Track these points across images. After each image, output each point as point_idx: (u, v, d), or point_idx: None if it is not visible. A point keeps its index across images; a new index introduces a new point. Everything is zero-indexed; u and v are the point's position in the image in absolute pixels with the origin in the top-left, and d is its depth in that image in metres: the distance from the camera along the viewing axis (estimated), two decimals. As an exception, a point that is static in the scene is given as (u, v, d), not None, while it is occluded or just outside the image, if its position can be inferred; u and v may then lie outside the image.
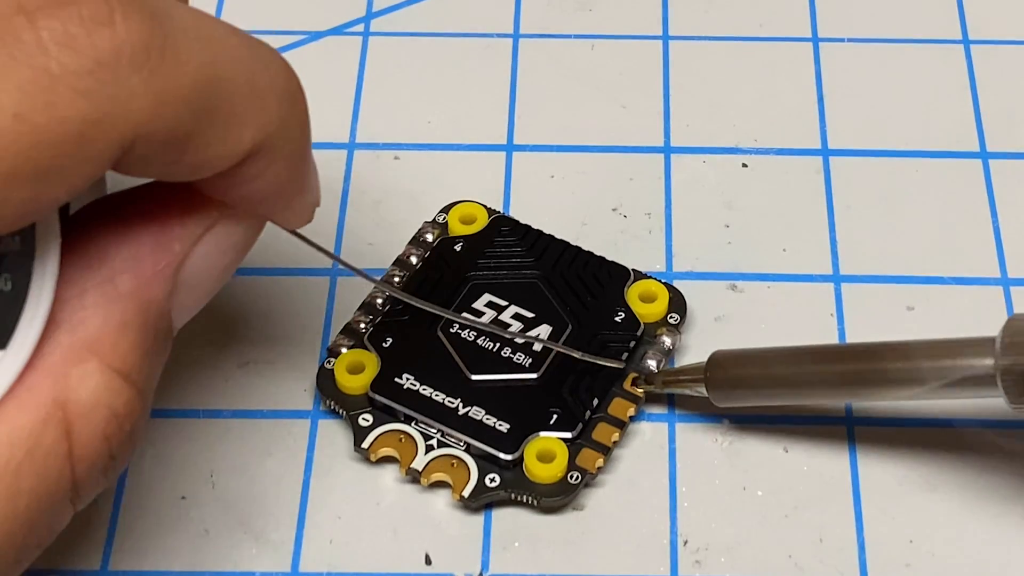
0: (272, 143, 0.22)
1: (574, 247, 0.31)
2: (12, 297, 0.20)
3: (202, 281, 0.23)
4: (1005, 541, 0.27)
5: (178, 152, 0.20)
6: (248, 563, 0.27)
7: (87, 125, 0.19)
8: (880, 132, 0.34)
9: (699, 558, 0.27)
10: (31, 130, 0.18)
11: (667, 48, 0.36)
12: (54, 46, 0.19)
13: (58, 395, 0.20)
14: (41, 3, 0.19)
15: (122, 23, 0.19)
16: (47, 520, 0.21)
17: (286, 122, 0.22)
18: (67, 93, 0.19)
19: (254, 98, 0.21)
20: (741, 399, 0.28)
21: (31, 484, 0.20)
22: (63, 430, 0.20)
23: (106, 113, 0.19)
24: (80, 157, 0.19)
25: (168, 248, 0.22)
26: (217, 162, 0.21)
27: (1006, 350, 0.25)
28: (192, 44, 0.20)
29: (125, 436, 0.21)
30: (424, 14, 0.37)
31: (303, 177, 0.23)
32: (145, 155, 0.20)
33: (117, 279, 0.21)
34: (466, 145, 0.34)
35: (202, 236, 0.22)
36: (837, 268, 0.31)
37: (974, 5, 0.37)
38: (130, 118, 0.19)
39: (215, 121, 0.20)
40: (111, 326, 0.21)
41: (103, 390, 0.21)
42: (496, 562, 0.27)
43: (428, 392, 0.28)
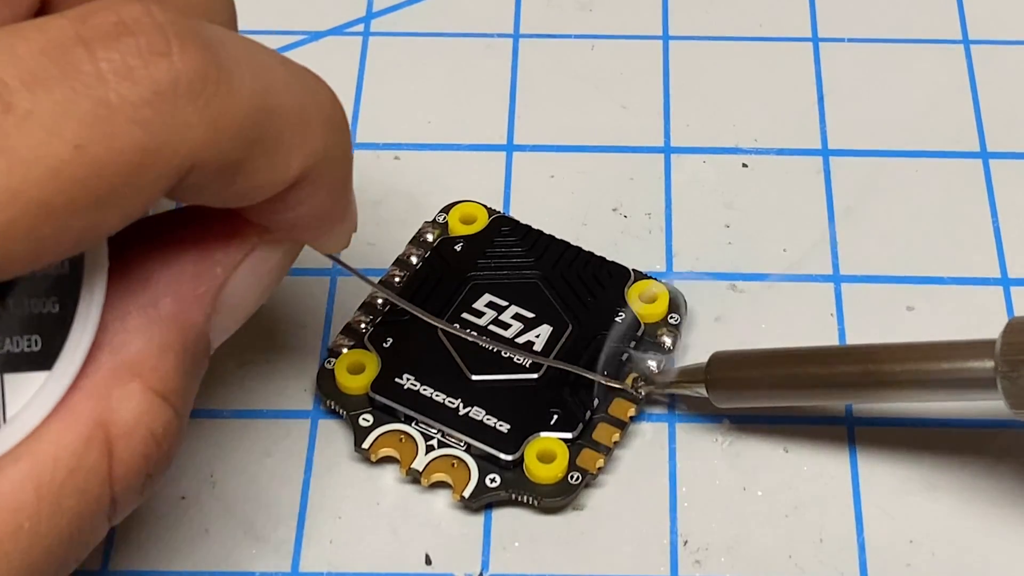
0: (317, 170, 0.22)
1: (574, 247, 0.31)
2: (59, 319, 0.21)
3: (240, 304, 0.23)
4: (1005, 541, 0.27)
5: (229, 179, 0.21)
6: (248, 563, 0.27)
7: (144, 155, 0.19)
8: (880, 132, 0.34)
9: (699, 558, 0.27)
10: (91, 161, 0.19)
11: (667, 48, 0.36)
12: (113, 77, 0.19)
13: (100, 416, 0.21)
14: (100, 34, 0.19)
15: (179, 54, 0.19)
16: (86, 537, 0.21)
17: (331, 150, 0.22)
18: (126, 124, 0.19)
19: (302, 126, 0.21)
20: (741, 400, 0.28)
21: (72, 502, 0.20)
22: (104, 450, 0.21)
23: (163, 143, 0.19)
24: (137, 186, 0.19)
25: (210, 272, 0.22)
26: (265, 189, 0.21)
27: (1006, 353, 0.25)
28: (244, 74, 0.20)
29: (162, 455, 0.22)
30: (424, 14, 0.37)
31: (345, 204, 0.24)
32: (198, 183, 0.20)
33: (159, 302, 0.22)
34: (466, 145, 0.34)
35: (242, 261, 0.23)
36: (837, 268, 0.31)
37: (974, 5, 0.37)
38: (186, 147, 0.19)
39: (265, 149, 0.21)
40: (152, 349, 0.21)
41: (144, 411, 0.21)
42: (496, 562, 0.27)
43: (428, 392, 0.28)
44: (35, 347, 0.21)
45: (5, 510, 0.20)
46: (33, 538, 0.20)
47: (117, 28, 0.19)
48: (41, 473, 0.20)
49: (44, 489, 0.20)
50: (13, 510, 0.20)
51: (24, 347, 0.21)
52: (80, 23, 0.19)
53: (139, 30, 0.19)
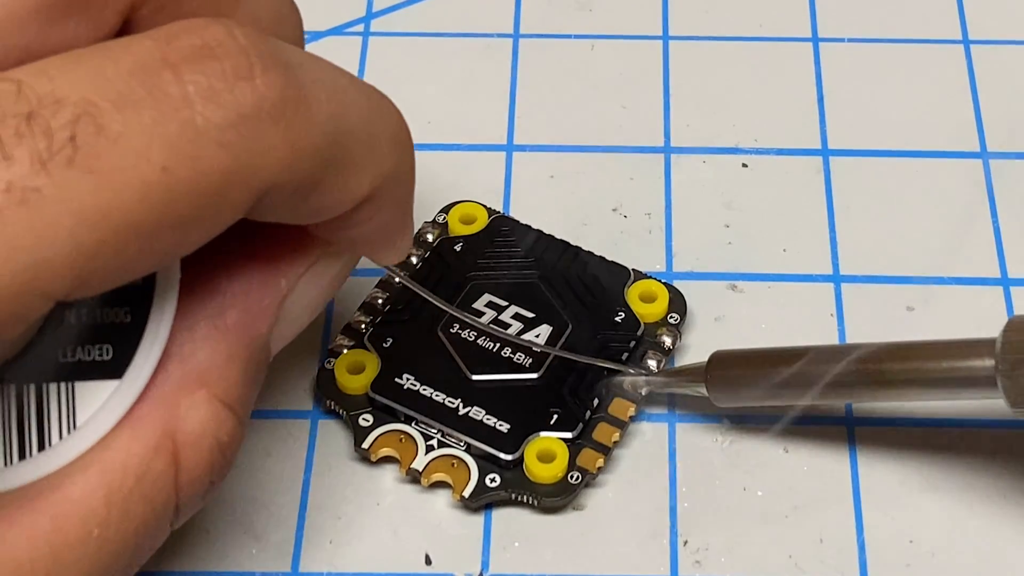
0: (384, 189, 0.22)
1: (574, 247, 0.31)
2: (130, 329, 0.21)
3: (300, 313, 0.24)
4: (1005, 541, 0.27)
5: (303, 199, 0.21)
6: (248, 563, 0.27)
7: (228, 177, 0.19)
8: (880, 132, 0.34)
9: (699, 558, 0.27)
10: (177, 183, 0.19)
11: (667, 48, 0.36)
12: (199, 100, 0.19)
13: (168, 425, 0.21)
14: (185, 56, 0.19)
15: (261, 77, 0.20)
16: (150, 543, 0.22)
17: (397, 168, 0.23)
18: (211, 146, 0.19)
19: (372, 146, 0.22)
20: (741, 399, 0.28)
21: (140, 509, 0.21)
22: (171, 458, 0.21)
23: (245, 165, 0.19)
24: (219, 207, 0.20)
25: (275, 284, 0.23)
26: (335, 208, 0.22)
27: (1006, 352, 0.25)
28: (321, 95, 0.20)
29: (225, 463, 0.22)
30: (424, 14, 0.37)
31: (406, 220, 0.24)
32: (273, 202, 0.21)
33: (226, 313, 0.22)
34: (466, 145, 0.34)
35: (305, 273, 0.23)
36: (837, 268, 0.31)
37: (974, 5, 0.37)
38: (267, 169, 0.20)
39: (339, 170, 0.21)
40: (219, 359, 0.22)
41: (209, 420, 0.21)
42: (496, 562, 0.27)
43: (428, 392, 0.28)
44: (106, 356, 0.21)
45: (76, 516, 0.20)
46: (102, 544, 0.20)
47: (202, 51, 0.19)
48: (111, 481, 0.21)
49: (114, 496, 0.21)
50: (83, 517, 0.20)
51: (95, 356, 0.21)
52: (165, 45, 0.19)
53: (223, 53, 0.19)
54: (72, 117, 0.18)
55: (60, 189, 0.18)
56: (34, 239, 0.18)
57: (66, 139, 0.18)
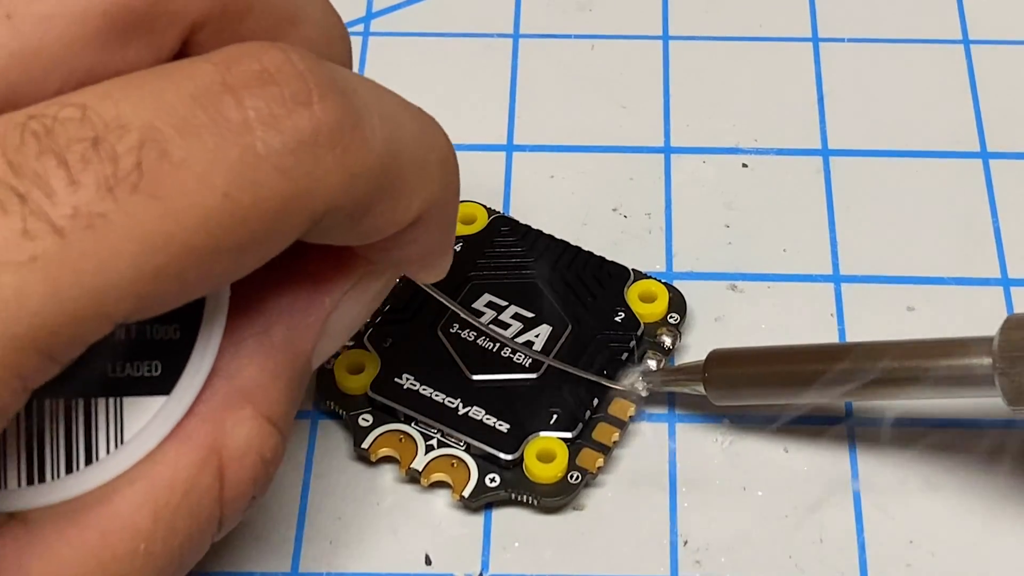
0: (431, 211, 0.22)
1: (574, 247, 0.31)
2: (179, 345, 0.21)
3: (343, 330, 0.24)
4: (1005, 541, 0.27)
5: (357, 222, 0.21)
6: (248, 563, 0.27)
7: (286, 202, 0.19)
8: (880, 132, 0.34)
9: (699, 558, 0.27)
10: (237, 208, 0.19)
11: (667, 48, 0.36)
12: (259, 126, 0.19)
13: (214, 441, 0.21)
14: (245, 81, 0.19)
15: (319, 103, 0.20)
16: (192, 556, 0.22)
17: (445, 192, 0.23)
18: (270, 172, 0.19)
19: (423, 170, 0.22)
20: (739, 398, 0.28)
21: (185, 524, 0.21)
22: (217, 474, 0.21)
23: (304, 190, 0.20)
24: (276, 232, 0.20)
25: (320, 302, 0.23)
26: (386, 230, 0.22)
27: (1003, 350, 0.25)
28: (375, 120, 0.21)
29: (268, 478, 0.22)
30: (424, 14, 0.37)
31: (449, 241, 0.24)
32: (327, 227, 0.21)
33: (272, 330, 0.22)
34: (466, 145, 0.34)
35: (350, 293, 0.23)
36: (837, 268, 0.31)
37: (974, 5, 0.37)
38: (324, 194, 0.20)
39: (392, 194, 0.21)
40: (265, 376, 0.22)
41: (255, 436, 0.22)
42: (496, 562, 0.27)
43: (428, 392, 0.28)
44: (155, 372, 0.21)
45: (124, 531, 0.20)
46: (148, 559, 0.21)
47: (261, 76, 0.19)
48: (158, 496, 0.21)
49: (161, 511, 0.21)
50: (131, 532, 0.20)
51: (144, 372, 0.21)
52: (225, 69, 0.19)
53: (282, 79, 0.20)
54: (137, 143, 0.18)
55: (125, 215, 0.18)
56: (99, 263, 0.18)
57: (132, 164, 0.18)
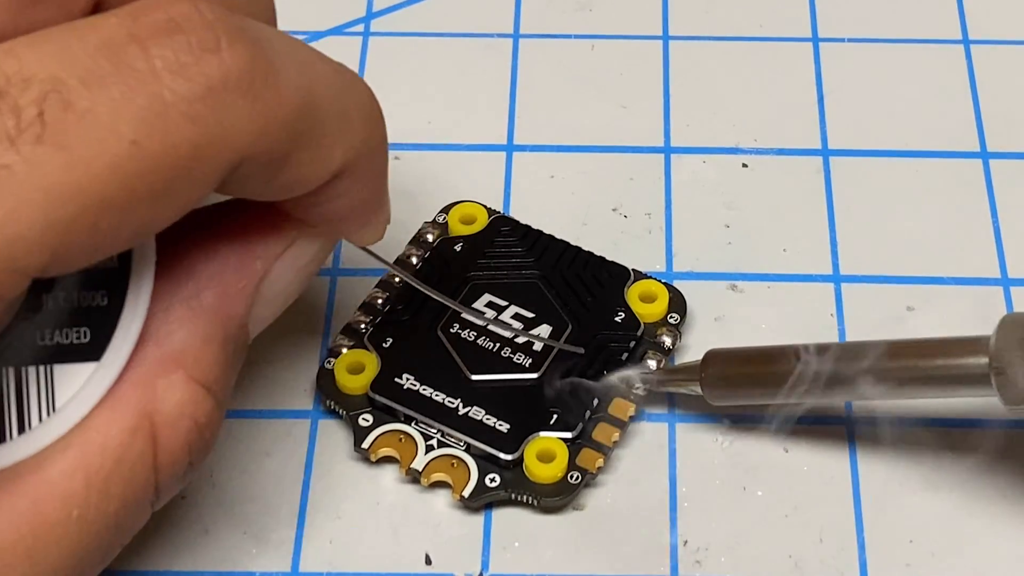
0: (357, 163, 0.22)
1: (574, 247, 0.31)
2: (108, 311, 0.21)
3: (279, 295, 0.24)
4: (1005, 541, 0.27)
5: (275, 172, 0.21)
6: (248, 563, 0.27)
7: (197, 149, 0.19)
8: (880, 132, 0.34)
9: (699, 558, 0.27)
10: (147, 156, 0.19)
11: (667, 48, 0.36)
12: (167, 74, 0.19)
13: (146, 406, 0.21)
14: (152, 31, 0.19)
15: (228, 50, 0.20)
16: (131, 523, 0.22)
17: (369, 143, 0.23)
18: (179, 119, 0.19)
19: (343, 120, 0.22)
20: (735, 398, 0.28)
21: (119, 490, 0.21)
22: (150, 439, 0.21)
23: (215, 137, 0.20)
24: (190, 180, 0.20)
25: (250, 266, 0.23)
26: (308, 182, 0.22)
27: (1000, 349, 0.25)
28: (290, 69, 0.21)
29: (204, 444, 0.22)
30: (424, 14, 0.37)
31: (381, 196, 0.24)
32: (245, 176, 0.21)
33: (202, 295, 0.22)
34: (466, 145, 0.34)
35: (282, 254, 0.23)
36: (837, 268, 0.31)
37: (974, 5, 0.37)
38: (236, 142, 0.20)
39: (310, 143, 0.21)
40: (196, 340, 0.22)
41: (187, 401, 0.22)
42: (496, 562, 0.27)
43: (428, 392, 0.28)
44: (84, 339, 0.21)
45: (55, 498, 0.20)
46: (82, 525, 0.21)
47: (168, 25, 0.19)
48: (90, 462, 0.21)
49: (93, 478, 0.21)
50: (63, 498, 0.21)
51: (73, 339, 0.21)
52: (132, 21, 0.19)
53: (189, 27, 0.20)
54: (40, 94, 0.18)
55: (30, 165, 0.18)
56: (4, 215, 0.18)
57: (34, 116, 0.18)
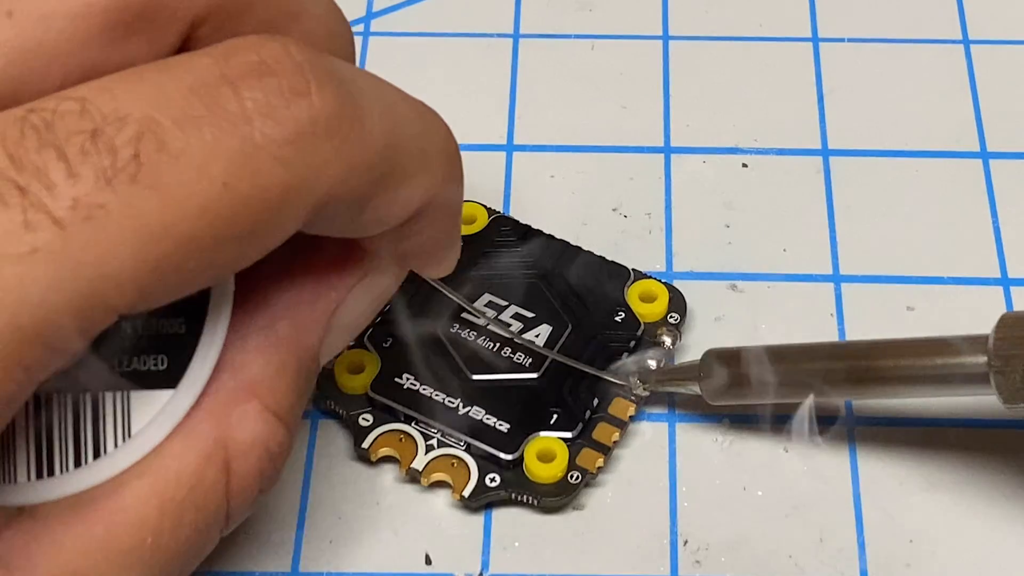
0: (434, 202, 0.22)
1: (574, 247, 0.31)
2: (185, 340, 0.21)
3: (349, 326, 0.24)
4: (1005, 541, 0.27)
5: (358, 213, 0.21)
6: (248, 563, 0.27)
7: (286, 192, 0.20)
8: (880, 132, 0.34)
9: (699, 558, 0.27)
10: (237, 198, 0.19)
11: (667, 48, 0.36)
12: (258, 116, 0.19)
13: (220, 435, 0.21)
14: (243, 73, 0.19)
15: (317, 94, 0.20)
16: (200, 549, 0.22)
17: (448, 182, 0.23)
18: (269, 162, 0.19)
19: (424, 161, 0.22)
20: (735, 397, 0.28)
21: (192, 517, 0.21)
22: (223, 467, 0.21)
23: (302, 180, 0.20)
24: (276, 222, 0.20)
25: (326, 297, 0.23)
26: (388, 221, 0.22)
27: (998, 348, 0.25)
28: (375, 111, 0.21)
29: (275, 471, 0.22)
30: (424, 14, 0.37)
31: (455, 234, 0.24)
32: (329, 217, 0.21)
33: (277, 325, 0.22)
34: (466, 145, 0.33)
35: (356, 287, 0.23)
36: (837, 268, 0.31)
37: (974, 5, 0.37)
38: (323, 184, 0.20)
39: (392, 184, 0.21)
40: (270, 370, 0.22)
41: (260, 430, 0.22)
42: (496, 562, 0.27)
43: (428, 392, 0.28)
44: (161, 366, 0.21)
45: (130, 524, 0.21)
46: (155, 552, 0.21)
47: (259, 68, 0.20)
48: (164, 489, 0.21)
49: (167, 505, 0.21)
50: (137, 525, 0.21)
51: (151, 366, 0.21)
52: (224, 62, 0.20)
53: (280, 70, 0.20)
54: (135, 134, 0.19)
55: (124, 206, 0.18)
56: (99, 254, 0.18)
57: (130, 156, 0.18)
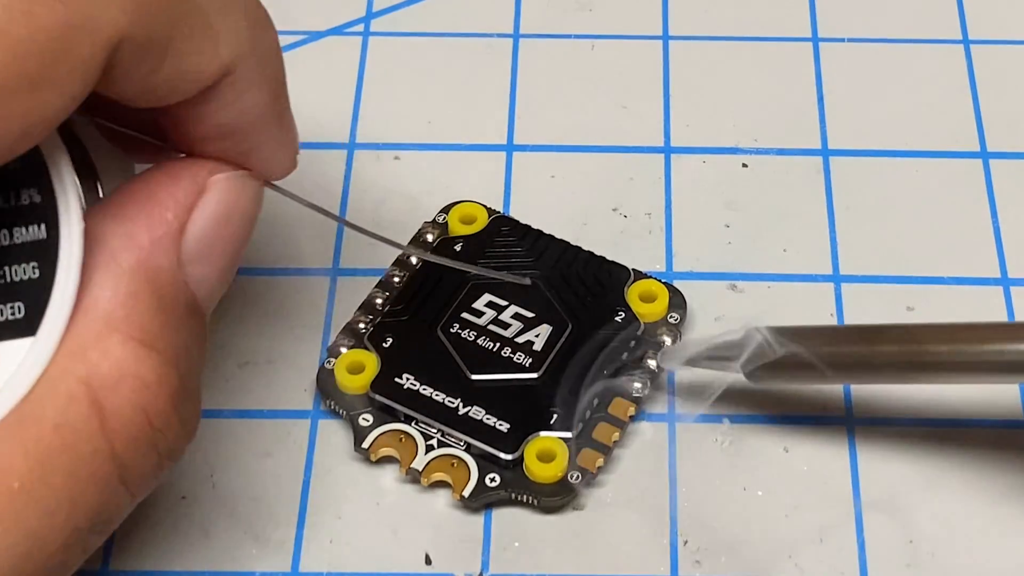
0: (246, 64, 0.22)
1: (574, 247, 0.31)
2: (40, 284, 0.21)
3: (209, 249, 0.23)
4: (1005, 541, 0.27)
5: (157, 61, 0.21)
6: (248, 563, 0.27)
7: (69, 30, 0.19)
8: (880, 132, 0.34)
9: (699, 558, 0.27)
10: (14, 42, 0.19)
11: (667, 48, 0.36)
12: None
13: (82, 372, 0.21)
14: None
15: None
16: (93, 500, 0.21)
17: (258, 44, 0.23)
18: (45, 1, 0.19)
19: (226, 13, 0.22)
20: (780, 379, 0.27)
21: (64, 460, 0.21)
22: (92, 405, 0.21)
23: (87, 17, 0.20)
24: (67, 63, 0.20)
25: (160, 218, 0.23)
26: (195, 75, 0.22)
27: None
28: None
29: (164, 407, 0.22)
30: (424, 14, 0.37)
31: (280, 111, 0.24)
32: (127, 65, 0.21)
33: (118, 256, 0.22)
34: (466, 145, 0.34)
35: (196, 203, 0.23)
36: (837, 268, 0.31)
37: (974, 5, 0.37)
38: (110, 22, 0.20)
39: (192, 31, 0.21)
40: (123, 300, 0.22)
41: (127, 361, 0.21)
42: (496, 562, 0.27)
43: (428, 392, 0.28)
44: (18, 314, 0.21)
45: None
46: (26, 498, 0.20)
47: None
48: (26, 435, 0.20)
49: (31, 449, 0.20)
50: (3, 471, 0.20)
51: (8, 315, 0.21)
52: None
53: None
54: None
55: None
56: None
57: None
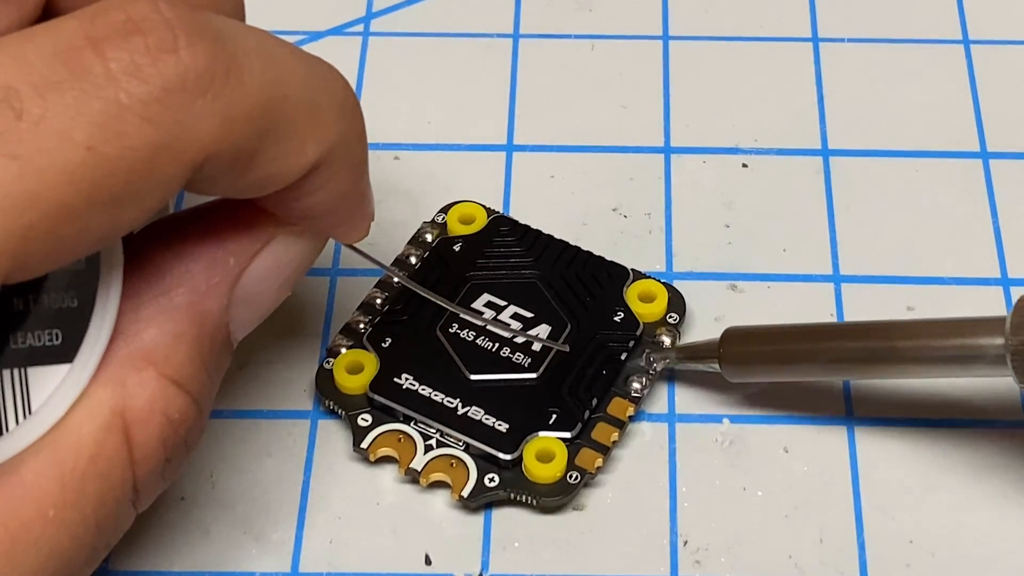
0: (333, 156, 0.22)
1: (574, 247, 0.31)
2: (78, 313, 0.21)
3: (259, 296, 0.24)
4: (1005, 541, 0.27)
5: (244, 170, 0.21)
6: (248, 563, 0.27)
7: (156, 151, 0.19)
8: (880, 132, 0.34)
9: (699, 558, 0.27)
10: (104, 161, 0.19)
11: (667, 48, 0.36)
12: (122, 76, 0.19)
13: (117, 403, 0.21)
14: (108, 33, 0.19)
15: (186, 49, 0.20)
16: (112, 523, 0.22)
17: (345, 135, 0.23)
18: (135, 122, 0.19)
19: (315, 114, 0.22)
20: (752, 375, 0.28)
21: (95, 488, 0.21)
22: (123, 437, 0.21)
23: (174, 138, 0.20)
24: (151, 182, 0.20)
25: (223, 263, 0.23)
26: (281, 178, 0.22)
27: (1016, 329, 0.25)
28: (254, 64, 0.21)
29: (180, 440, 0.22)
30: (424, 14, 0.37)
31: (362, 190, 0.24)
32: (212, 175, 0.21)
33: (172, 293, 0.22)
34: (466, 145, 0.34)
35: (259, 252, 0.23)
36: (837, 268, 0.31)
37: (974, 5, 0.37)
38: (197, 141, 0.20)
39: (279, 138, 0.21)
40: (166, 338, 0.22)
41: (158, 397, 0.22)
42: (496, 562, 0.27)
43: (427, 392, 0.28)
44: (56, 341, 0.21)
45: (30, 499, 0.21)
46: (59, 525, 0.21)
47: (126, 27, 0.20)
48: (63, 461, 0.21)
49: (67, 476, 0.21)
50: (38, 499, 0.21)
51: (46, 341, 0.21)
52: (89, 23, 0.19)
53: (147, 28, 0.20)
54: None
55: None
56: None
57: None
